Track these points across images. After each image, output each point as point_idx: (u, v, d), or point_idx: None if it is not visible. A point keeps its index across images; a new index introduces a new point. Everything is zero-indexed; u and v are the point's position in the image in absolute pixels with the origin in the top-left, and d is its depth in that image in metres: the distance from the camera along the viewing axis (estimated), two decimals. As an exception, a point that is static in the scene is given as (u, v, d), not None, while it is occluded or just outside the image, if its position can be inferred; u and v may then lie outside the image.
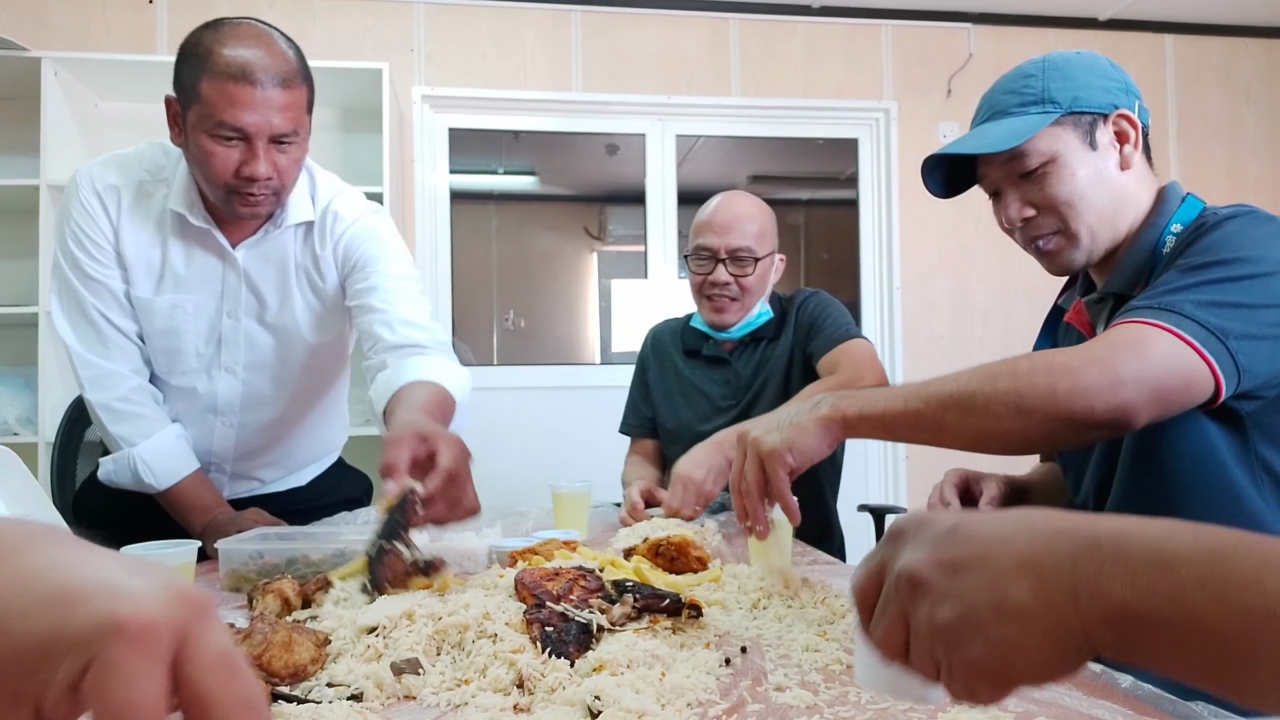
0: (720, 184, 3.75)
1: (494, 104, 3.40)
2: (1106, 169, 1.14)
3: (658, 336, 2.11)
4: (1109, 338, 0.96)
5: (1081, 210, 1.13)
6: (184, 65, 1.33)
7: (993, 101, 1.19)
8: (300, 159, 1.42)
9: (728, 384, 1.94)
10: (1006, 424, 0.94)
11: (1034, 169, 1.13)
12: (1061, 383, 0.91)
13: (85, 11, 3.11)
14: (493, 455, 3.35)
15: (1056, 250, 1.17)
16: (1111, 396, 0.90)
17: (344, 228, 1.52)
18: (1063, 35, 3.67)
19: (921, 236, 3.57)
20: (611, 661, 0.75)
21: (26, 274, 2.80)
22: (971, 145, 1.17)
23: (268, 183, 1.36)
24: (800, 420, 1.04)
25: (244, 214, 1.41)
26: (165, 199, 1.45)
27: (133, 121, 3.15)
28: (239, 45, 1.30)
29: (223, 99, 1.29)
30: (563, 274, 4.28)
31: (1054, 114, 1.12)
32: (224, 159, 1.32)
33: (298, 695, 0.72)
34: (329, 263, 1.52)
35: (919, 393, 1.00)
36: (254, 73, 1.29)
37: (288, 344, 1.56)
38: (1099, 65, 1.17)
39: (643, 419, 2.08)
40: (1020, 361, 0.96)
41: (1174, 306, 0.95)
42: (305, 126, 1.39)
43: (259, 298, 1.52)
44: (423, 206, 3.34)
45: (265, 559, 1.18)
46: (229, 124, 1.30)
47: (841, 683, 0.75)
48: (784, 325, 1.92)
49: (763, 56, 3.53)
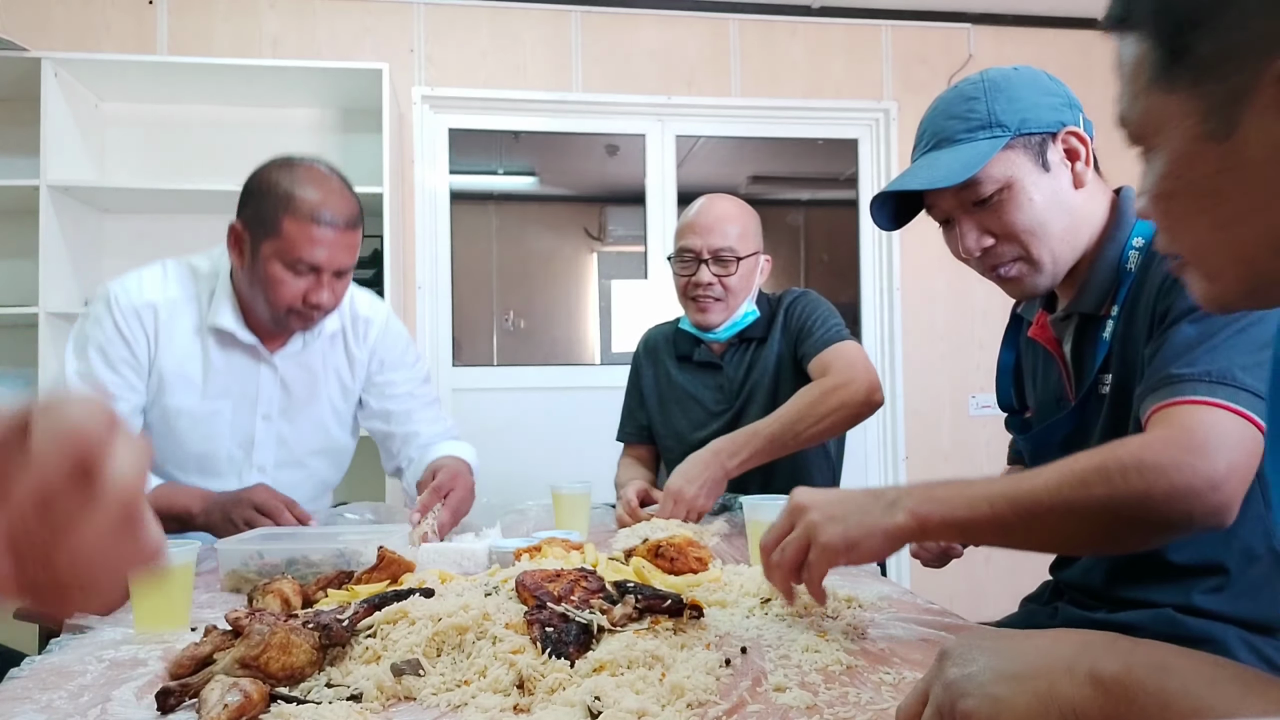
0: (720, 184, 3.75)
1: (494, 104, 3.40)
2: (1061, 190, 1.10)
3: (650, 342, 2.11)
4: (1183, 425, 0.89)
5: (1042, 235, 1.10)
6: (262, 201, 1.49)
7: (936, 128, 1.14)
8: (349, 284, 1.61)
9: (720, 389, 1.94)
10: (1100, 532, 0.89)
11: (989, 196, 1.09)
12: (1157, 487, 0.85)
13: (85, 11, 3.11)
14: (493, 455, 3.34)
15: (1020, 278, 1.13)
16: (1213, 497, 0.85)
17: (375, 331, 1.75)
18: (1063, 35, 3.67)
19: (921, 236, 3.55)
20: (611, 662, 0.75)
21: (26, 274, 2.79)
22: (923, 180, 1.12)
23: (326, 307, 1.54)
24: (868, 523, 0.91)
25: (295, 329, 1.58)
26: (202, 315, 1.58)
27: (133, 122, 3.15)
28: (315, 189, 1.49)
29: (304, 237, 1.46)
30: (562, 274, 4.28)
31: (1004, 138, 1.08)
32: (293, 287, 1.49)
33: (297, 696, 0.72)
34: (361, 363, 1.74)
35: (1004, 495, 0.90)
36: (333, 217, 1.48)
37: (315, 438, 1.72)
38: (1040, 81, 1.13)
39: (639, 426, 2.08)
40: (1108, 461, 0.87)
41: (1227, 378, 0.90)
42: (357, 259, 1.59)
43: (292, 399, 1.67)
44: (423, 207, 3.33)
45: (265, 559, 1.18)
46: (306, 260, 1.47)
47: (841, 683, 0.75)
48: (772, 326, 1.92)
49: (763, 56, 3.53)
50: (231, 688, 0.69)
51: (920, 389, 3.56)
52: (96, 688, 0.79)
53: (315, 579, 1.09)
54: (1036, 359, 1.28)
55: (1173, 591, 1.06)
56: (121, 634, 0.96)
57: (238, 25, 3.20)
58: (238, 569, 1.19)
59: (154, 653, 0.89)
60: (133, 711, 0.73)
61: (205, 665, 0.77)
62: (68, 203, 2.88)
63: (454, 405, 3.39)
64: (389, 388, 1.75)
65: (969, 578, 3.41)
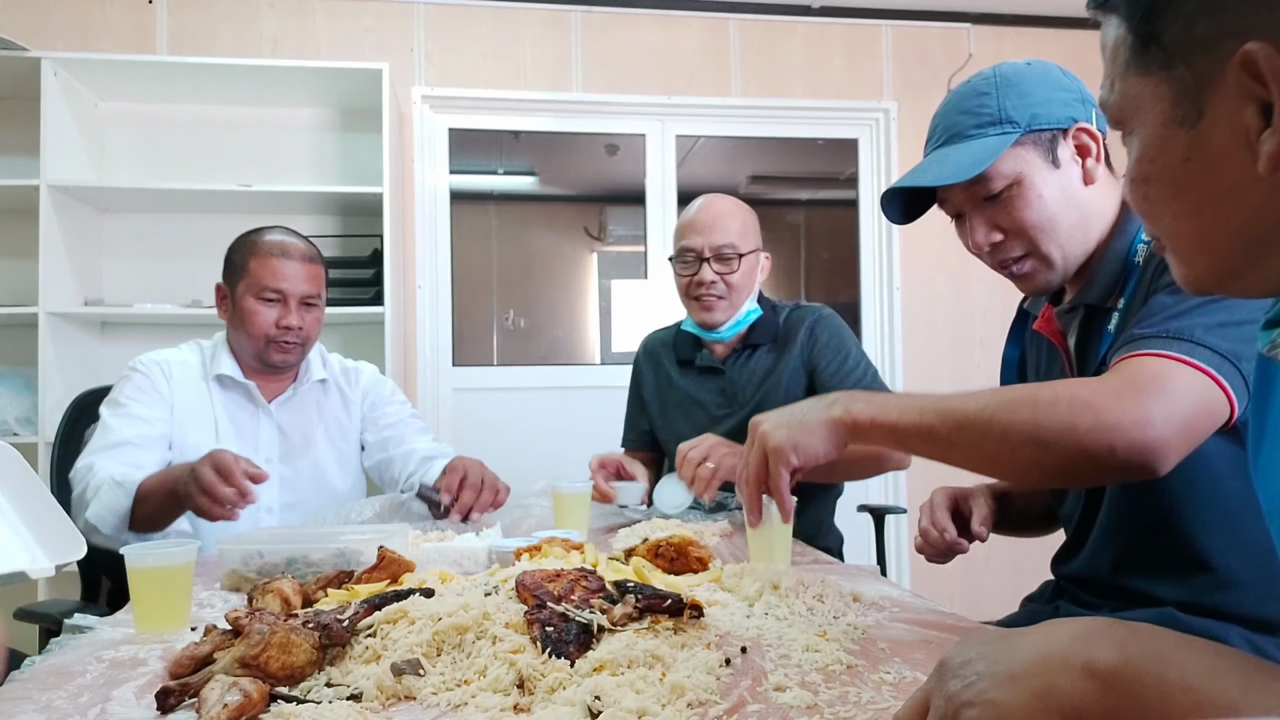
0: (720, 184, 3.75)
1: (494, 104, 3.40)
2: (1071, 186, 1.10)
3: (649, 347, 2.10)
4: (1128, 372, 0.91)
5: (1051, 232, 1.10)
6: (234, 255, 1.81)
7: (948, 123, 1.14)
8: (320, 319, 1.85)
9: (722, 393, 1.93)
10: (1022, 454, 0.90)
11: (998, 192, 1.10)
12: (1083, 419, 0.87)
13: (85, 11, 3.11)
14: (493, 455, 3.34)
15: (1031, 273, 1.14)
16: (1138, 435, 0.86)
17: (365, 379, 1.99)
18: (1063, 35, 3.67)
19: (921, 237, 3.57)
20: (611, 661, 0.75)
21: (26, 274, 2.79)
22: (932, 176, 1.13)
23: (298, 332, 1.78)
24: (809, 419, 1.00)
25: (277, 361, 1.79)
26: (209, 370, 1.82)
27: (133, 122, 3.15)
28: (275, 235, 1.81)
29: (267, 270, 1.76)
30: (563, 274, 4.28)
31: (1014, 134, 1.08)
32: (265, 315, 1.76)
33: (296, 695, 0.72)
34: (356, 403, 1.96)
35: (935, 407, 0.96)
36: (288, 250, 1.78)
37: (315, 482, 1.87)
38: (1052, 76, 1.12)
39: (640, 432, 2.08)
40: (1041, 390, 0.92)
41: (1185, 334, 0.91)
42: (323, 295, 1.85)
43: (290, 445, 1.85)
44: (423, 206, 3.33)
45: (265, 558, 1.18)
46: (271, 287, 1.75)
47: (841, 683, 0.75)
48: (789, 341, 1.89)
49: (762, 56, 3.53)
50: (231, 687, 0.69)
51: (920, 389, 3.56)
52: (96, 688, 0.79)
53: (315, 579, 1.09)
54: (1041, 353, 1.28)
55: (1176, 588, 1.05)
56: (121, 634, 0.96)
57: (237, 25, 3.20)
58: (238, 569, 1.19)
59: (154, 653, 0.89)
60: (133, 711, 0.73)
61: (205, 665, 0.77)
62: (67, 203, 2.88)
63: (454, 405, 3.39)
64: (383, 419, 1.96)
65: (969, 578, 3.41)
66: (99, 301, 3.02)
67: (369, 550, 1.15)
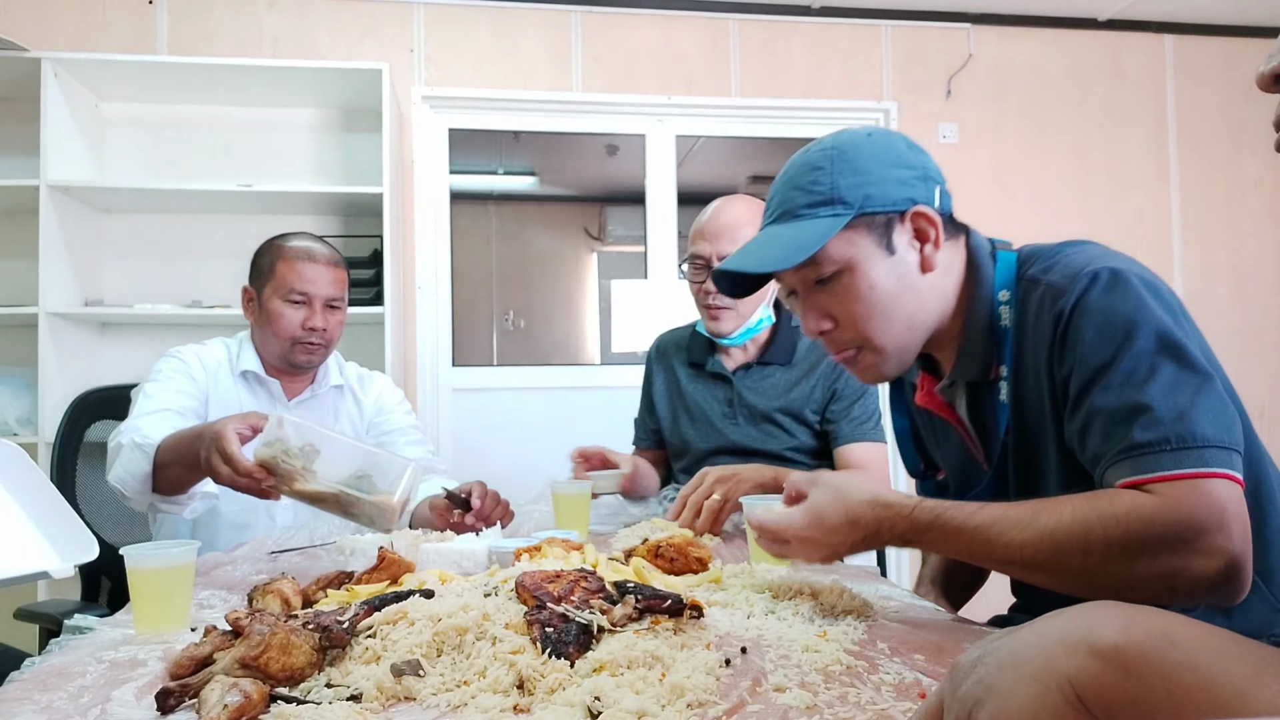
0: (720, 184, 3.75)
1: (494, 104, 3.40)
2: (907, 274, 1.03)
3: (661, 347, 2.09)
4: (1182, 501, 0.83)
5: (884, 323, 1.03)
6: (261, 259, 1.86)
7: (782, 198, 1.06)
8: (342, 322, 1.89)
9: (729, 403, 1.91)
10: None
11: (828, 276, 1.03)
12: (1179, 580, 0.82)
13: (85, 11, 3.11)
14: (493, 455, 3.35)
15: (865, 367, 1.08)
16: (1235, 574, 0.82)
17: (378, 386, 2.06)
18: (1063, 35, 3.67)
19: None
20: (611, 662, 0.75)
21: (26, 274, 2.80)
22: (756, 260, 1.05)
23: (323, 334, 1.83)
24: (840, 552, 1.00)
25: (301, 361, 1.85)
26: (235, 365, 1.88)
27: (133, 122, 3.16)
28: (301, 240, 1.86)
29: (293, 273, 1.81)
30: (562, 274, 4.28)
31: (845, 217, 1.00)
32: (291, 317, 1.81)
33: (296, 696, 0.72)
34: (369, 406, 2.02)
35: (985, 555, 0.93)
36: (314, 255, 1.84)
37: None
38: (893, 151, 1.04)
39: (649, 432, 2.08)
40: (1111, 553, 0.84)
41: (1189, 439, 0.84)
42: (345, 298, 1.90)
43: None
44: (423, 206, 3.33)
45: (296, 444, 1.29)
46: (297, 290, 1.81)
47: (841, 683, 0.75)
48: (810, 365, 1.86)
49: (763, 56, 3.53)
50: (231, 688, 0.69)
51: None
52: (96, 688, 0.79)
53: (315, 579, 1.09)
54: (934, 423, 1.22)
55: None
56: (121, 634, 0.96)
57: (237, 25, 3.20)
58: (271, 448, 1.27)
59: (154, 653, 0.89)
60: (132, 712, 0.73)
61: (205, 665, 0.77)
62: (68, 202, 2.88)
63: (454, 405, 3.39)
64: (384, 424, 2.01)
65: (969, 578, 3.40)
66: (99, 302, 3.02)
67: (369, 550, 1.15)
